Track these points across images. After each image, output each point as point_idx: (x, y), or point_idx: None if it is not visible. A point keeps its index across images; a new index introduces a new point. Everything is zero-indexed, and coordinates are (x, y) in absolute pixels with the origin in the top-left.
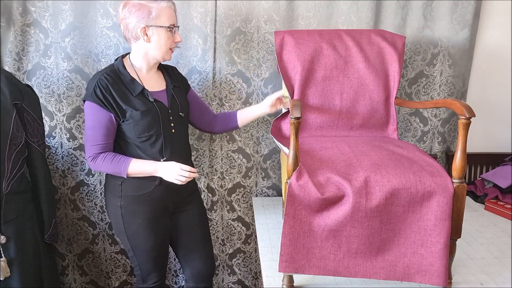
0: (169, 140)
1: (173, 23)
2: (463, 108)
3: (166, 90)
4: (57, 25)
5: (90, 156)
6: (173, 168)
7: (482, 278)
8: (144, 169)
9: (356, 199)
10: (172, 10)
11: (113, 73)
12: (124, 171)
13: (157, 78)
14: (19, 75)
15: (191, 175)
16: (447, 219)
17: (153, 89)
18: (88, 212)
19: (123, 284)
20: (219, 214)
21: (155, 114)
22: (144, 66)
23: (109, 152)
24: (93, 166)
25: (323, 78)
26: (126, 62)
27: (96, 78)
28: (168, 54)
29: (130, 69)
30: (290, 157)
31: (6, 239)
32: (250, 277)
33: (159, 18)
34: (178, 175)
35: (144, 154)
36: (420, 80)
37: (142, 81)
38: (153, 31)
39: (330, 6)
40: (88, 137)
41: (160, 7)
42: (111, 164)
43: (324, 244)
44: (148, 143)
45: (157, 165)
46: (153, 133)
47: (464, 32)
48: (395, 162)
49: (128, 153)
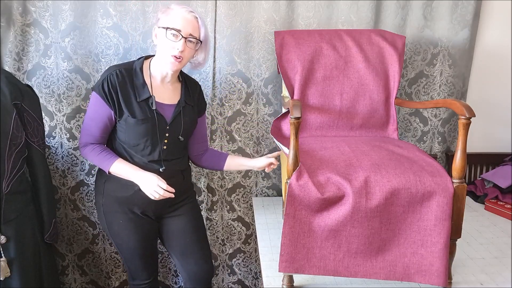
0: (158, 154)
1: (178, 28)
2: (463, 108)
3: (176, 106)
4: (57, 25)
5: (82, 143)
6: (150, 182)
7: (482, 278)
8: (126, 172)
9: (356, 199)
10: (185, 17)
11: (126, 72)
12: (107, 167)
13: (171, 91)
14: (19, 75)
15: (166, 194)
16: (447, 219)
17: (162, 101)
18: (88, 212)
19: (123, 284)
20: (219, 214)
21: (151, 125)
22: (158, 74)
23: (100, 145)
24: (82, 153)
25: (323, 78)
26: (146, 64)
27: (108, 72)
28: (169, 61)
29: (146, 73)
30: (290, 157)
31: (6, 239)
32: (250, 277)
33: (164, 20)
34: (153, 190)
35: (130, 158)
36: (420, 80)
37: (153, 89)
38: (158, 32)
39: (330, 6)
40: (85, 125)
41: (172, 10)
42: (98, 157)
43: (324, 244)
44: (135, 150)
45: (138, 173)
46: (142, 143)
47: (464, 32)
48: (395, 162)
49: (116, 150)
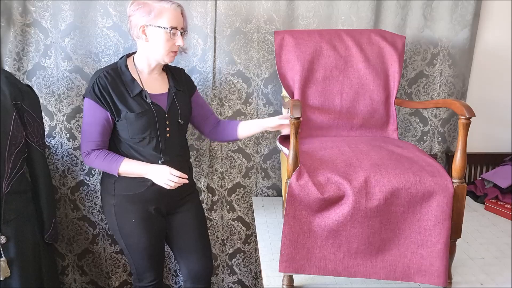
0: (164, 143)
1: (175, 26)
2: (463, 108)
3: (168, 93)
4: (57, 25)
5: (85, 151)
6: (163, 172)
7: (482, 278)
8: (135, 170)
9: (356, 199)
10: (177, 13)
11: (113, 72)
12: (116, 170)
13: (160, 80)
14: (19, 75)
15: (181, 181)
16: (447, 219)
17: (154, 92)
18: (88, 212)
19: (123, 284)
20: (219, 214)
21: (151, 117)
22: (145, 67)
23: (103, 150)
24: (86, 161)
25: (323, 78)
26: (130, 61)
27: (96, 76)
28: (168, 57)
29: (132, 69)
30: (290, 157)
31: (6, 239)
32: (250, 277)
33: (159, 18)
34: (167, 179)
35: (138, 155)
36: (420, 80)
37: (143, 82)
38: (152, 31)
39: (330, 6)
40: (84, 133)
41: (161, 7)
42: (104, 162)
43: (324, 244)
44: (141, 145)
45: (148, 167)
46: (147, 136)
47: (464, 32)
48: (395, 162)
49: (122, 152)
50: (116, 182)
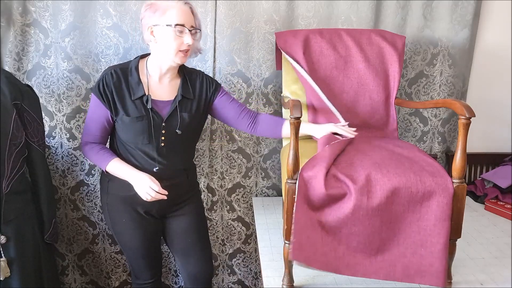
0: (156, 152)
1: (181, 23)
2: (463, 108)
3: (173, 101)
4: (57, 25)
5: (83, 141)
6: (143, 183)
7: (482, 278)
8: (121, 173)
9: (358, 197)
10: (183, 10)
11: (122, 71)
12: (104, 166)
13: (170, 87)
14: (19, 75)
15: (158, 196)
16: (447, 219)
17: (159, 98)
18: (88, 212)
19: (123, 284)
20: (219, 214)
21: (146, 123)
22: (156, 71)
23: (99, 144)
24: (83, 151)
25: (323, 78)
26: (142, 63)
27: (105, 72)
28: (177, 57)
29: (142, 71)
30: (290, 157)
31: (6, 239)
32: (250, 277)
33: (164, 16)
34: (145, 192)
35: (133, 158)
36: (420, 80)
37: (149, 87)
38: (158, 30)
39: (330, 6)
40: (86, 125)
41: (166, 5)
42: (95, 156)
43: (325, 240)
44: (135, 149)
45: (132, 173)
46: (140, 141)
47: (464, 32)
48: (396, 162)
49: (119, 152)
50: (109, 182)
